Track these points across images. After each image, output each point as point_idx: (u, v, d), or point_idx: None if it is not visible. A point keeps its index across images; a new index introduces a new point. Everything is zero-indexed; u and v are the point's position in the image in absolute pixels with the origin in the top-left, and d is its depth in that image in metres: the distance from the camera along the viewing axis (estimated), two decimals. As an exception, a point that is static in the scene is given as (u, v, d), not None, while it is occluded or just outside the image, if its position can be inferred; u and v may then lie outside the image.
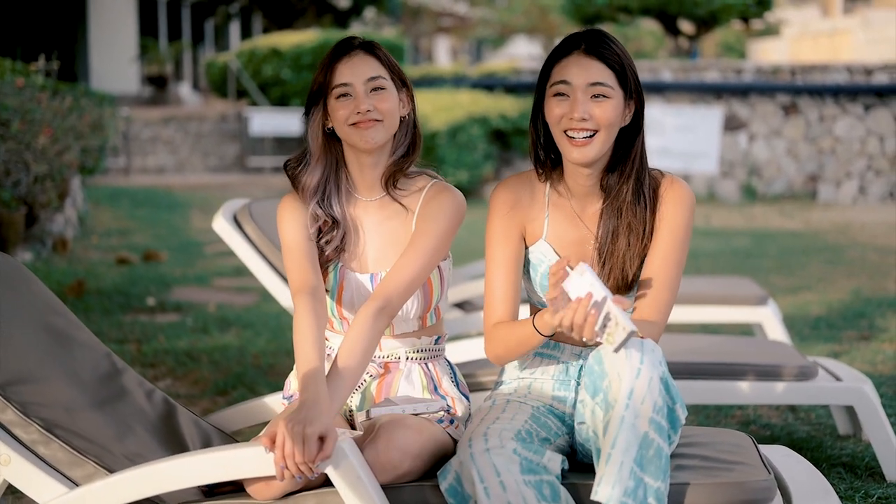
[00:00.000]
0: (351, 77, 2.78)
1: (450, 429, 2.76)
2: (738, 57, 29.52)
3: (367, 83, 2.78)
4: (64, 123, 8.75)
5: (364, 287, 2.83)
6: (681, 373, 3.79)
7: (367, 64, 2.81)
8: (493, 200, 2.82)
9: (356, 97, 2.77)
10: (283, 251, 2.85)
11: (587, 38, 2.68)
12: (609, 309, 2.36)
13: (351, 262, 2.86)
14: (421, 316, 2.87)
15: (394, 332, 2.87)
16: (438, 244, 2.78)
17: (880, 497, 3.55)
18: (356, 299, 2.83)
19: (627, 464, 2.40)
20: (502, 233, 2.78)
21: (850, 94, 15.99)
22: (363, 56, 2.81)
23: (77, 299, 7.11)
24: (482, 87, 16.79)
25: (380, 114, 2.78)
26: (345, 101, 2.78)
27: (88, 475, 2.54)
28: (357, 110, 2.76)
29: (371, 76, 2.79)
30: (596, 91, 2.64)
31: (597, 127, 2.65)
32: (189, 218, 12.77)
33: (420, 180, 2.90)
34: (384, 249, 2.85)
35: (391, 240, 2.85)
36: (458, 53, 44.77)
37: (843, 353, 5.73)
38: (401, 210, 2.86)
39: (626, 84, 2.67)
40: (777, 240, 11.58)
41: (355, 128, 2.78)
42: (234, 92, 21.33)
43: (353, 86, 2.78)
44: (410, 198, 2.87)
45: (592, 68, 2.64)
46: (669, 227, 2.72)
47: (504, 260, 2.77)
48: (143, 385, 3.01)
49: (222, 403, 4.85)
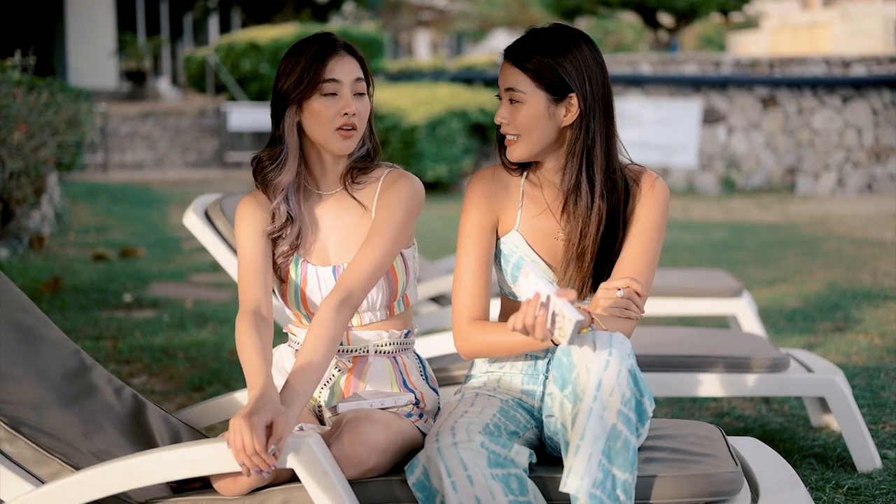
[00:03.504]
0: (342, 74, 2.76)
1: (419, 423, 2.76)
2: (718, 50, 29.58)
3: (353, 84, 2.77)
4: (40, 119, 8.70)
5: (327, 280, 2.82)
6: (653, 365, 3.80)
7: (354, 65, 2.80)
8: (468, 193, 2.81)
9: (343, 98, 2.75)
10: (238, 258, 2.84)
11: (515, 43, 2.72)
12: (554, 305, 2.36)
13: (311, 257, 2.85)
14: (388, 305, 2.86)
15: (362, 323, 2.86)
16: (398, 232, 2.77)
17: (850, 487, 3.56)
18: (320, 292, 2.83)
19: (596, 455, 2.41)
20: (476, 226, 2.78)
21: (828, 86, 16.05)
22: (349, 57, 2.80)
23: (53, 296, 7.08)
24: (461, 80, 16.79)
25: (359, 119, 2.78)
26: (332, 101, 2.76)
27: (54, 473, 2.53)
28: (344, 111, 2.75)
29: (358, 77, 2.79)
30: (510, 96, 2.70)
31: (516, 131, 2.70)
32: (167, 214, 12.74)
33: (376, 171, 2.89)
34: (344, 241, 2.85)
35: (351, 231, 2.85)
36: (438, 47, 44.72)
37: (818, 345, 5.76)
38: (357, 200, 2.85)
39: (548, 86, 2.66)
40: (755, 232, 11.62)
41: (338, 133, 2.76)
42: (212, 87, 21.28)
43: (342, 84, 2.76)
44: (367, 189, 2.86)
45: (507, 73, 2.71)
46: (643, 222, 2.72)
47: (476, 254, 2.76)
48: (111, 382, 3.00)
49: (198, 400, 4.84)
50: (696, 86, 16.28)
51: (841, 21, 20.99)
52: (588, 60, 2.69)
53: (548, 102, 2.68)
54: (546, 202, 2.79)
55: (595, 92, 2.70)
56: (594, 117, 2.70)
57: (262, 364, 2.58)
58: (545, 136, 2.70)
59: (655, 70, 16.56)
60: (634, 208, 2.73)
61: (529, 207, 2.80)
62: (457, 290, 2.77)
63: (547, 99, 2.68)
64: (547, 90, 2.67)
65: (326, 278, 2.82)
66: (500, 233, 2.82)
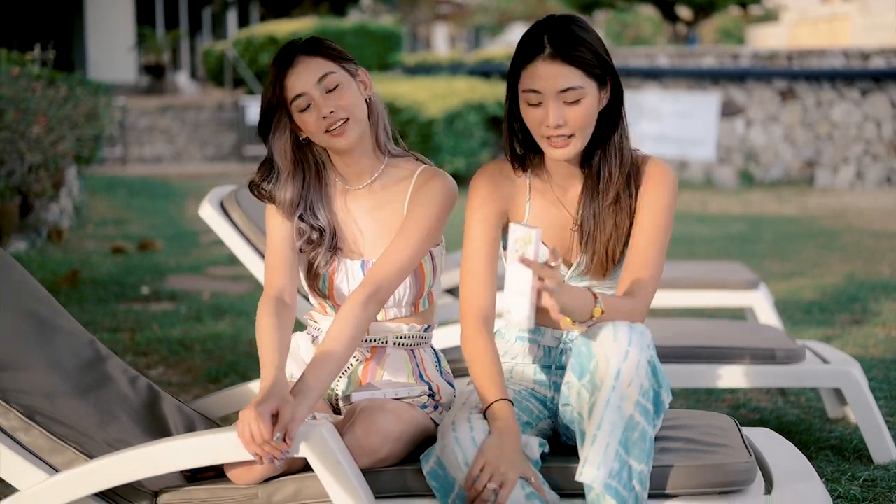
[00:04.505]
0: (303, 86, 2.73)
1: (433, 414, 2.76)
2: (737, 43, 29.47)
3: (319, 84, 2.74)
4: (59, 113, 8.73)
5: (356, 273, 2.83)
6: (669, 356, 3.79)
7: (312, 66, 2.75)
8: (473, 188, 2.78)
9: (315, 104, 2.74)
10: (266, 241, 2.86)
11: (550, 39, 2.58)
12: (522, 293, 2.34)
13: (343, 249, 2.86)
14: (413, 302, 2.87)
15: (386, 318, 2.87)
16: (429, 230, 2.77)
17: (867, 479, 3.55)
18: (348, 285, 2.83)
19: (613, 445, 2.41)
20: (481, 221, 2.75)
21: (847, 79, 15.96)
22: (306, 60, 2.75)
23: (71, 289, 7.11)
24: (479, 74, 16.76)
25: (344, 111, 2.74)
26: (309, 113, 2.74)
27: (69, 461, 2.54)
28: (322, 115, 2.73)
29: (321, 75, 2.74)
30: (568, 97, 2.57)
31: (574, 130, 2.60)
32: (185, 207, 12.77)
33: (408, 164, 2.89)
34: (377, 236, 2.85)
35: (384, 227, 2.85)
36: (456, 41, 44.71)
37: (836, 338, 5.73)
38: (391, 196, 2.85)
39: (597, 75, 2.61)
40: (773, 225, 11.58)
41: (330, 135, 2.75)
42: (230, 80, 21.30)
43: (307, 94, 2.73)
44: (400, 185, 2.86)
45: (560, 75, 2.56)
46: (652, 207, 2.70)
47: (482, 249, 2.72)
48: (126, 372, 3.01)
49: (214, 391, 4.85)
50: (714, 79, 16.22)
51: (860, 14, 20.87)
52: (601, 39, 2.67)
53: (598, 91, 2.63)
54: (556, 195, 2.77)
55: (617, 76, 2.68)
56: (622, 103, 2.68)
57: (276, 355, 2.60)
58: (593, 126, 2.65)
59: (673, 63, 16.50)
60: (643, 195, 2.71)
61: (538, 200, 2.77)
62: (464, 287, 2.73)
63: (597, 89, 2.63)
64: (596, 80, 2.61)
65: (355, 272, 2.83)
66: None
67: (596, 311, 2.49)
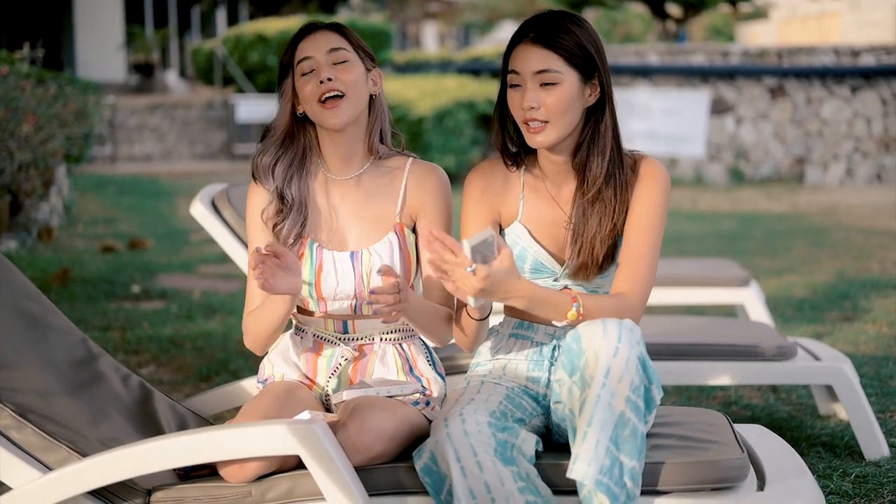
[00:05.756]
0: (312, 51, 2.79)
1: (425, 410, 2.76)
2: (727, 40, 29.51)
3: (328, 54, 2.78)
4: (48, 111, 8.71)
5: (344, 265, 2.82)
6: (660, 353, 3.80)
7: (329, 37, 2.81)
8: (467, 187, 2.82)
9: (318, 68, 2.77)
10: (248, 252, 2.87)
11: (536, 24, 2.67)
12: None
13: (329, 242, 2.85)
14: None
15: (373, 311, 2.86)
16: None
17: (858, 475, 3.56)
18: (336, 278, 2.82)
19: (603, 442, 2.41)
20: (475, 220, 2.78)
21: (837, 76, 15.99)
22: (325, 32, 2.82)
23: (62, 287, 7.09)
24: (469, 72, 16.77)
25: (343, 84, 2.76)
26: (309, 77, 2.79)
27: (62, 460, 2.53)
28: (320, 80, 2.76)
29: (332, 47, 2.79)
30: (543, 79, 2.63)
31: (548, 116, 2.64)
32: (175, 205, 12.75)
33: (397, 159, 2.91)
34: (367, 229, 2.85)
35: (376, 220, 2.85)
36: (445, 39, 44.68)
37: (826, 335, 5.75)
38: (382, 189, 2.86)
39: (580, 66, 2.64)
40: (763, 222, 11.60)
41: (322, 107, 2.77)
42: (220, 79, 21.28)
43: (314, 58, 2.78)
44: (391, 178, 2.87)
45: (538, 56, 2.63)
46: (645, 205, 2.70)
47: None
48: (118, 370, 3.01)
49: (205, 389, 4.84)
50: (704, 76, 16.24)
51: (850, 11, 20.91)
52: (598, 39, 2.69)
53: (579, 82, 2.65)
54: (550, 193, 2.78)
55: (608, 74, 2.70)
56: (610, 98, 2.70)
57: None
58: (575, 118, 2.67)
59: (663, 60, 16.52)
60: (636, 193, 2.72)
61: (532, 198, 2.78)
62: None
63: (579, 79, 2.65)
64: (578, 70, 2.64)
65: (343, 263, 2.82)
66: (504, 225, 2.81)
67: (571, 314, 2.52)
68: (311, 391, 2.85)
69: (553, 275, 2.75)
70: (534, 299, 2.51)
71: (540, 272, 2.76)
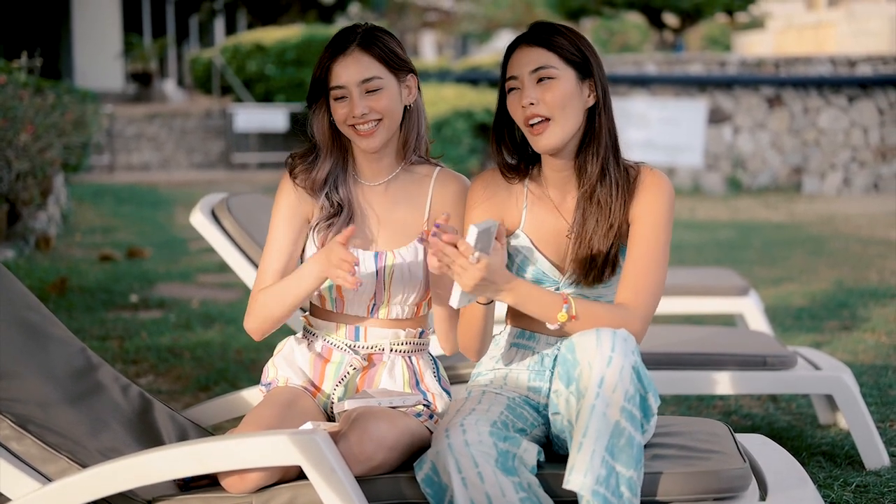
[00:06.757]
0: (346, 79, 2.77)
1: (428, 423, 2.75)
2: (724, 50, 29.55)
3: (360, 85, 2.77)
4: (46, 121, 8.72)
5: (368, 264, 2.82)
6: (660, 363, 3.80)
7: (362, 64, 2.77)
8: (469, 196, 2.82)
9: (351, 100, 2.77)
10: (267, 239, 2.88)
11: (530, 29, 2.71)
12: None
13: (355, 241, 2.86)
14: (417, 303, 2.88)
15: (389, 316, 2.86)
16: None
17: (859, 485, 3.56)
18: (359, 276, 2.80)
19: (599, 452, 2.41)
20: (477, 221, 2.78)
21: (834, 86, 16.01)
22: (359, 55, 2.78)
23: (60, 297, 7.08)
24: (467, 81, 16.77)
25: (377, 113, 2.78)
26: (342, 103, 2.79)
27: (62, 471, 2.52)
28: (353, 114, 2.76)
29: (365, 78, 2.77)
30: (540, 75, 2.65)
31: (549, 112, 2.64)
32: (173, 215, 12.74)
33: (424, 167, 2.94)
34: (395, 234, 2.86)
35: (404, 224, 2.87)
36: (443, 48, 44.74)
37: (825, 344, 5.75)
38: (409, 196, 2.89)
39: (576, 63, 2.66)
40: (761, 232, 11.60)
41: (354, 131, 2.79)
42: (218, 88, 21.28)
43: (347, 88, 2.77)
44: (420, 182, 2.90)
45: (534, 55, 2.66)
46: (651, 215, 2.70)
47: None
48: (118, 380, 3.00)
49: (204, 399, 4.83)
50: (701, 86, 16.26)
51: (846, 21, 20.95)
52: (591, 46, 2.72)
53: (576, 80, 2.67)
54: (553, 202, 2.77)
55: (604, 78, 2.71)
56: (608, 104, 2.70)
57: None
58: (576, 116, 2.67)
59: (661, 70, 16.54)
60: (638, 202, 2.72)
61: (535, 208, 2.78)
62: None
63: (576, 76, 2.67)
64: (575, 67, 2.66)
65: (367, 261, 2.83)
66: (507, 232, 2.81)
67: (561, 315, 2.52)
68: (314, 398, 2.84)
69: (555, 283, 2.75)
70: (524, 295, 2.54)
71: (542, 282, 2.75)
